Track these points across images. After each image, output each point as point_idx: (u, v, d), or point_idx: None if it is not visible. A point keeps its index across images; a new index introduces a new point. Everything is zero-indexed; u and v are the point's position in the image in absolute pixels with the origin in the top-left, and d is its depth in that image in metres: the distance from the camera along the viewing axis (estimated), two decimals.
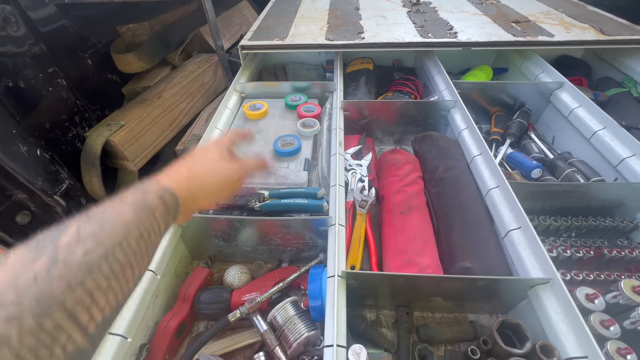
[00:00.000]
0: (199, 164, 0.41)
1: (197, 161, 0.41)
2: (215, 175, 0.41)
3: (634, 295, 0.51)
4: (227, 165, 0.43)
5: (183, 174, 0.38)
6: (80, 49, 0.89)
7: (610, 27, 0.96)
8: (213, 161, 0.42)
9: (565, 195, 0.65)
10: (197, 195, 0.38)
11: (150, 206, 0.31)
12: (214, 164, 0.42)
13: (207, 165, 0.41)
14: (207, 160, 0.42)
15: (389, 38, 0.98)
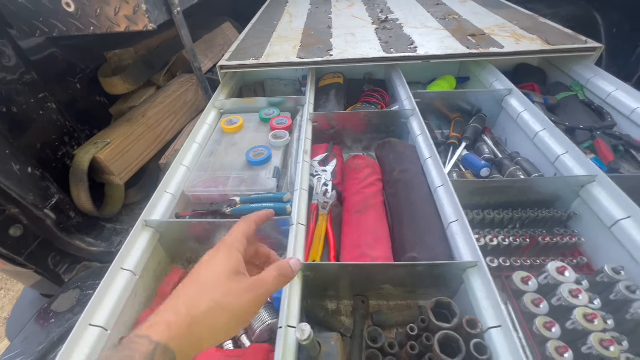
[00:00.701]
0: (202, 298, 0.31)
1: (200, 290, 0.32)
2: (223, 311, 0.32)
3: (558, 275, 0.58)
4: (238, 293, 0.33)
5: (181, 316, 0.30)
6: (69, 75, 0.97)
7: (555, 37, 1.06)
8: (221, 285, 0.32)
9: (506, 190, 0.72)
10: (201, 341, 0.31)
11: None
12: (222, 296, 0.32)
13: (213, 298, 0.32)
14: (213, 284, 0.32)
15: (354, 54, 1.07)
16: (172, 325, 0.29)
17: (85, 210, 0.89)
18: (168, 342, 0.28)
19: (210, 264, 0.34)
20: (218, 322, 0.31)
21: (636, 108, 0.85)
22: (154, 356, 0.27)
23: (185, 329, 0.29)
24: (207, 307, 0.31)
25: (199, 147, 0.88)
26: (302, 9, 1.65)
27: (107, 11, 0.70)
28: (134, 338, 0.28)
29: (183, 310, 0.30)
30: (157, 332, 0.28)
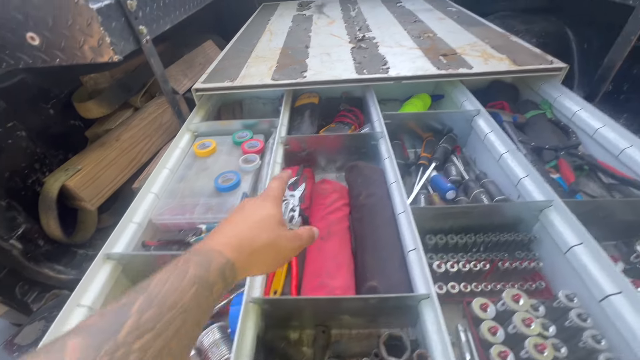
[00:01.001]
0: (262, 234, 0.38)
1: (261, 228, 0.39)
2: (275, 249, 0.39)
3: (512, 303, 0.59)
4: (286, 238, 0.41)
5: (245, 244, 0.36)
6: (42, 101, 0.97)
7: (523, 57, 1.08)
8: (275, 230, 0.40)
9: (469, 214, 0.73)
10: (252, 268, 0.38)
11: (211, 283, 0.30)
12: (276, 237, 0.39)
13: (270, 236, 0.39)
14: (269, 227, 0.39)
15: (328, 76, 1.08)
16: (239, 250, 0.35)
17: (55, 238, 0.89)
18: (235, 262, 0.34)
19: (264, 209, 0.41)
20: (268, 257, 0.39)
21: (599, 128, 0.88)
22: (225, 269, 0.32)
23: (246, 256, 0.36)
24: (265, 243, 0.38)
25: (170, 172, 0.88)
26: (283, 27, 1.68)
27: (71, 44, 0.71)
28: (209, 249, 0.33)
29: (247, 241, 0.37)
30: (228, 251, 0.34)
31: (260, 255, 0.37)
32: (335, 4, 2.08)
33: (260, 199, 0.44)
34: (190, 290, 0.27)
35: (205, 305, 0.29)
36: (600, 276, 0.55)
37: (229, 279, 0.33)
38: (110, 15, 0.72)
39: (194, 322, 0.27)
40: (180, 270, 0.29)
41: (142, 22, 0.83)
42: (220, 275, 0.31)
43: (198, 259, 0.31)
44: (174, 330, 0.25)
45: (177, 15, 1.03)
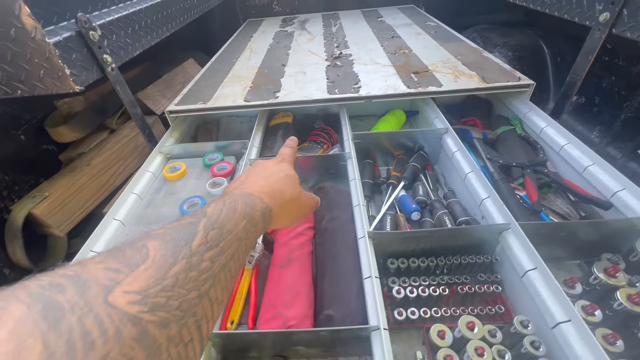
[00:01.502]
0: (289, 189, 0.43)
1: (289, 183, 0.44)
2: (298, 203, 0.45)
3: (467, 331, 0.58)
4: (305, 196, 0.48)
5: (277, 195, 0.40)
6: (12, 127, 0.98)
7: (491, 75, 1.09)
8: (297, 187, 0.46)
9: (430, 238, 0.72)
10: (282, 218, 0.42)
11: (255, 222, 0.33)
12: (300, 193, 0.46)
13: (295, 192, 0.44)
14: (294, 184, 0.45)
15: (299, 96, 1.09)
16: (273, 198, 0.39)
17: (21, 266, 0.88)
18: (272, 208, 0.37)
19: (285, 169, 0.45)
20: (293, 209, 0.44)
21: (564, 145, 0.88)
22: (265, 212, 0.35)
23: (278, 206, 0.39)
24: (291, 197, 0.42)
25: (138, 198, 0.88)
26: (264, 44, 1.70)
27: (32, 76, 0.71)
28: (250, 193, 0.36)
29: (278, 193, 0.40)
30: (266, 198, 0.37)
31: (288, 207, 0.42)
32: (317, 19, 2.12)
33: (277, 160, 0.48)
34: (242, 222, 0.30)
35: (252, 239, 0.31)
36: (551, 303, 0.55)
37: (267, 221, 0.36)
38: (70, 47, 0.73)
39: (244, 251, 0.29)
40: (230, 205, 0.31)
41: (107, 50, 0.84)
42: (262, 217, 0.34)
43: (244, 200, 0.33)
44: (232, 252, 0.27)
45: (148, 40, 1.04)
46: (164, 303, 0.19)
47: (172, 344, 0.19)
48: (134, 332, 0.17)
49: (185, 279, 0.21)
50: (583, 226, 0.69)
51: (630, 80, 1.11)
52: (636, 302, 0.58)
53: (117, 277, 0.19)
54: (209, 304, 0.22)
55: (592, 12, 0.83)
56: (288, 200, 0.42)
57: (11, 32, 0.65)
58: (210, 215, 0.28)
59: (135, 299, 0.18)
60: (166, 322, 0.19)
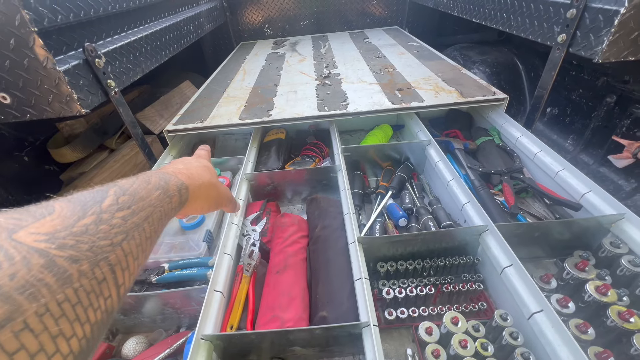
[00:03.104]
0: (206, 174, 0.46)
1: (205, 168, 0.47)
2: (216, 189, 0.49)
3: (452, 326, 0.62)
4: (223, 187, 0.52)
5: (195, 177, 0.43)
6: (16, 149, 1.02)
7: (469, 90, 1.18)
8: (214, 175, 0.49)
9: (417, 241, 0.77)
10: (198, 201, 0.44)
11: (170, 194, 0.35)
12: (217, 182, 0.49)
13: (213, 179, 0.48)
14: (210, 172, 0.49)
15: (291, 113, 1.16)
16: (190, 178, 0.42)
17: None
18: (188, 185, 0.40)
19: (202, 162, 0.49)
20: (212, 194, 0.47)
21: (537, 153, 0.96)
22: (181, 187, 0.38)
23: (196, 186, 0.42)
24: (209, 181, 0.46)
25: None
26: (256, 66, 1.79)
27: (41, 101, 0.77)
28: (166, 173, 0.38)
29: (195, 176, 0.43)
30: (183, 177, 0.40)
31: (206, 190, 0.45)
32: (307, 41, 2.23)
33: (195, 157, 0.53)
34: (155, 192, 0.32)
35: (167, 208, 0.34)
36: (526, 296, 0.60)
37: (184, 196, 0.38)
38: (78, 73, 0.79)
39: (159, 217, 0.32)
40: (143, 179, 0.33)
41: (111, 76, 0.90)
42: (177, 191, 0.37)
43: (158, 175, 0.36)
44: (145, 215, 0.29)
45: (148, 65, 1.11)
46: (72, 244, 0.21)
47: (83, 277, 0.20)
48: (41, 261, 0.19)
49: (96, 229, 0.23)
50: (555, 225, 0.75)
51: (596, 92, 1.21)
52: (603, 293, 0.63)
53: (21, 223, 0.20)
54: (122, 254, 0.24)
55: (552, 33, 0.93)
56: (206, 183, 0.45)
57: (24, 61, 0.71)
58: (122, 185, 0.30)
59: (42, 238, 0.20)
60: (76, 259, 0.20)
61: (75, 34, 0.83)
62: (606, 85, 1.17)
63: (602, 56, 0.77)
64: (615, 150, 1.14)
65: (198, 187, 0.43)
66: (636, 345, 0.55)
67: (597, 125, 1.21)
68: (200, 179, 0.44)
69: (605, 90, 1.17)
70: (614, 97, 1.15)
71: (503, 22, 1.17)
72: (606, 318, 0.61)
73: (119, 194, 0.28)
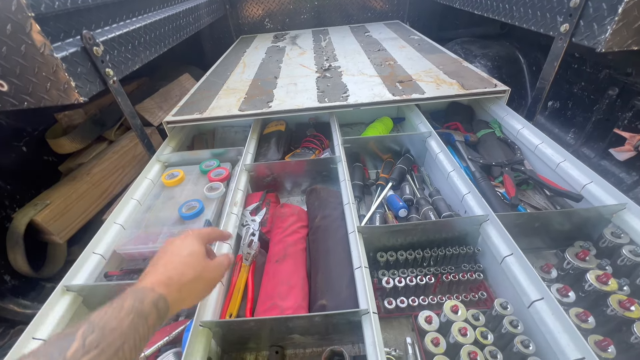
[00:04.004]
0: (189, 270, 0.43)
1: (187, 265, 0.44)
2: (202, 280, 0.45)
3: (452, 315, 0.62)
4: (211, 270, 0.47)
5: (174, 281, 0.41)
6: (15, 140, 1.02)
7: (470, 82, 1.17)
8: (201, 263, 0.45)
9: (418, 231, 0.77)
10: (185, 300, 0.43)
11: (145, 314, 0.35)
12: (202, 269, 0.45)
13: (196, 271, 0.44)
14: (196, 262, 0.45)
15: (291, 105, 1.15)
16: (168, 286, 0.40)
17: (22, 273, 0.90)
18: (166, 296, 0.39)
19: (188, 246, 0.47)
20: (197, 288, 0.45)
21: (538, 145, 0.95)
22: (158, 302, 0.37)
23: (176, 291, 0.41)
24: (192, 278, 0.43)
25: (137, 203, 0.91)
26: (256, 59, 1.78)
27: (38, 89, 0.76)
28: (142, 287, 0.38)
29: (175, 278, 0.42)
30: (160, 287, 0.39)
31: (189, 288, 0.43)
32: (308, 35, 2.22)
33: (183, 237, 0.49)
34: (128, 318, 0.33)
35: (142, 332, 0.34)
36: (526, 284, 0.60)
37: (162, 310, 0.38)
38: (76, 61, 0.78)
39: (132, 346, 0.32)
40: (117, 304, 0.34)
41: (109, 65, 0.89)
42: (154, 307, 0.37)
43: (133, 295, 0.36)
44: (115, 349, 0.30)
45: (147, 55, 1.10)
46: None
47: None
48: None
49: None
50: (555, 215, 0.75)
51: (598, 85, 1.20)
52: (604, 282, 0.63)
53: None
54: None
55: (555, 23, 0.92)
56: (188, 282, 0.43)
57: (22, 47, 0.70)
58: (93, 321, 0.31)
59: None
60: None
61: (72, 21, 0.82)
62: (608, 77, 1.16)
63: (606, 45, 0.76)
64: (617, 143, 1.13)
65: (178, 290, 0.41)
66: (636, 333, 0.55)
67: (599, 118, 1.21)
68: (179, 281, 0.42)
69: (607, 82, 1.17)
70: (616, 90, 1.14)
71: (505, 13, 1.16)
72: (606, 307, 0.60)
73: (87, 333, 0.29)
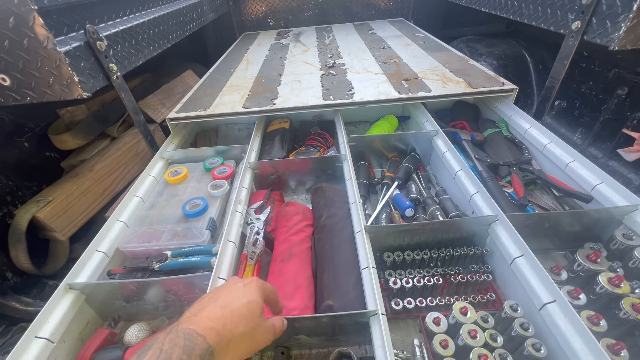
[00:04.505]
0: (243, 322, 0.40)
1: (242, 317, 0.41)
2: (251, 339, 0.42)
3: (461, 316, 0.61)
4: (263, 329, 0.44)
5: (227, 331, 0.38)
6: (17, 135, 1.00)
7: (477, 80, 1.16)
8: (255, 320, 0.42)
9: (426, 231, 0.76)
10: (228, 354, 0.39)
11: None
12: (255, 327, 0.42)
13: (249, 326, 0.41)
14: (251, 316, 0.42)
15: (296, 102, 1.14)
16: (220, 336, 0.37)
17: (24, 270, 0.89)
18: (215, 348, 0.36)
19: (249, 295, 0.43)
20: (244, 345, 0.41)
21: (547, 144, 0.94)
22: (205, 355, 0.35)
23: (225, 343, 0.38)
24: (243, 333, 0.40)
25: (141, 201, 0.90)
26: (260, 56, 1.76)
27: (41, 84, 0.75)
28: (193, 331, 0.36)
29: (229, 327, 0.39)
30: (211, 337, 0.36)
31: (236, 343, 0.40)
32: (311, 32, 2.20)
33: (247, 281, 0.47)
34: None
35: None
36: (537, 286, 0.59)
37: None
38: (79, 55, 0.77)
39: None
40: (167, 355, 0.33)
41: (113, 60, 0.88)
42: None
43: (184, 343, 0.34)
44: None
45: (150, 51, 1.09)
46: None
47: None
48: None
49: None
50: (565, 216, 0.73)
51: (606, 85, 1.19)
52: (616, 285, 0.61)
53: None
54: None
55: (566, 21, 0.90)
56: (239, 336, 0.40)
57: (24, 41, 0.69)
58: None
59: None
60: None
61: (76, 15, 0.81)
62: (617, 77, 1.15)
63: (619, 43, 0.74)
64: (626, 144, 1.12)
65: (226, 344, 0.38)
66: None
67: (607, 118, 1.19)
68: (231, 331, 0.39)
69: (616, 82, 1.15)
70: (625, 89, 1.12)
71: (514, 10, 1.14)
72: (619, 310, 0.59)
73: None
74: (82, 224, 0.99)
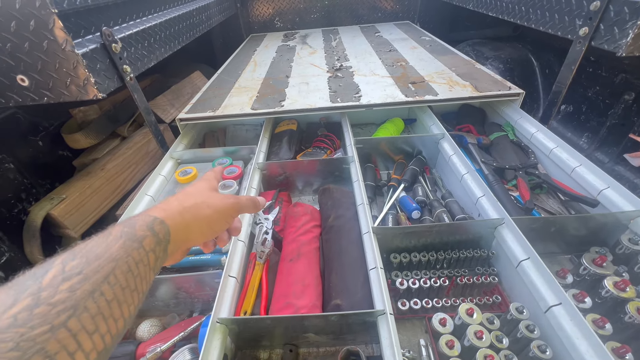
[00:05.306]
0: (190, 197, 0.39)
1: (188, 194, 0.40)
2: (207, 206, 0.39)
3: (467, 317, 0.62)
4: (219, 197, 0.41)
5: (174, 205, 0.37)
6: (31, 134, 1.03)
7: (484, 84, 1.17)
8: (204, 193, 0.41)
9: (432, 233, 0.77)
10: (190, 227, 0.37)
11: (138, 237, 0.30)
12: (206, 197, 0.40)
13: (199, 197, 0.39)
14: (198, 192, 0.40)
15: (303, 104, 1.16)
16: (166, 210, 0.36)
17: None
18: (164, 219, 0.34)
19: (193, 186, 0.43)
20: (203, 213, 0.39)
21: (553, 149, 0.94)
22: (152, 224, 0.33)
23: (177, 214, 0.36)
24: (194, 202, 0.39)
25: (152, 199, 0.92)
26: (267, 58, 1.78)
27: (58, 84, 0.77)
28: (131, 217, 0.34)
29: (175, 203, 0.38)
30: (155, 211, 0.35)
31: (192, 212, 0.37)
32: (318, 34, 2.22)
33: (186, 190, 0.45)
34: (117, 243, 0.28)
35: (137, 256, 0.29)
36: (543, 289, 0.60)
37: (159, 233, 0.33)
38: (95, 57, 0.79)
39: (125, 270, 0.27)
40: (104, 232, 0.30)
41: (127, 61, 0.90)
42: (149, 229, 0.32)
43: (123, 223, 0.32)
44: (104, 275, 0.25)
45: (162, 53, 1.11)
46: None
47: None
48: None
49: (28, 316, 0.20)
50: (571, 221, 0.74)
51: (613, 90, 1.19)
52: (622, 289, 0.62)
53: None
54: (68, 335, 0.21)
55: (573, 26, 0.91)
56: (189, 207, 0.38)
57: (44, 43, 0.71)
58: (74, 249, 0.27)
59: None
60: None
61: (93, 18, 0.83)
62: (625, 82, 1.15)
63: (627, 50, 0.75)
64: (632, 149, 1.12)
65: (179, 213, 0.36)
66: None
67: (614, 123, 1.19)
68: (181, 204, 0.37)
69: (623, 87, 1.15)
70: (632, 95, 1.12)
71: (521, 15, 1.15)
72: (624, 314, 0.60)
73: (67, 260, 0.25)
74: (93, 222, 1.02)
